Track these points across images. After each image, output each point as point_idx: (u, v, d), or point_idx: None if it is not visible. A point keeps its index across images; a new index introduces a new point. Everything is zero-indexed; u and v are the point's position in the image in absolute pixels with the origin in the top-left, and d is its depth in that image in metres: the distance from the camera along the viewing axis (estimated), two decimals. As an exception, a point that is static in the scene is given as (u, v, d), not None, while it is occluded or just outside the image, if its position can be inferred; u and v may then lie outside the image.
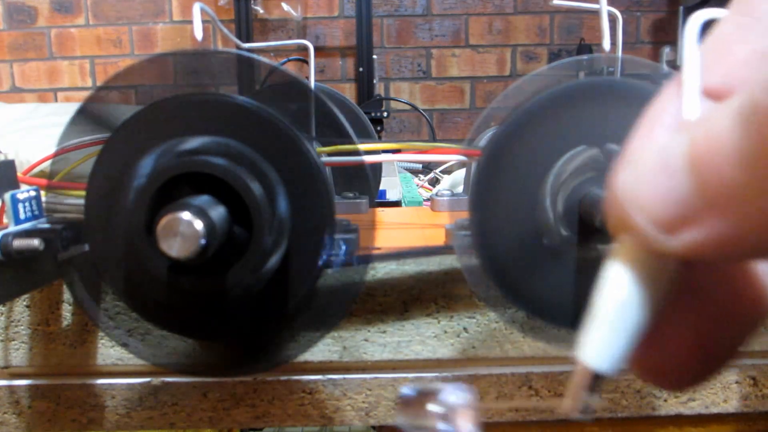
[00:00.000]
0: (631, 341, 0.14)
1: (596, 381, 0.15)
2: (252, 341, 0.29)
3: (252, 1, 1.64)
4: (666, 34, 1.74)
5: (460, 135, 1.75)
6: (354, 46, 1.67)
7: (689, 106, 0.13)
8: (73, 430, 0.37)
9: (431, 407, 0.17)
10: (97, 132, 0.28)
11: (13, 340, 0.36)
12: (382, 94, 1.74)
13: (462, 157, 0.40)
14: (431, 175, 0.81)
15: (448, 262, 0.35)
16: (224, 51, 0.28)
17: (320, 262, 0.27)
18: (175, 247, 0.22)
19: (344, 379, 0.36)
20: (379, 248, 0.36)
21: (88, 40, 1.75)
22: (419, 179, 0.82)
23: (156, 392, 0.36)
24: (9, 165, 0.32)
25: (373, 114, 1.17)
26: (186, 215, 0.22)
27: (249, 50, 0.53)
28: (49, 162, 0.40)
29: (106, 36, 1.74)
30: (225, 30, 0.44)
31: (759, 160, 0.11)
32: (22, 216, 0.30)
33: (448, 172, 0.80)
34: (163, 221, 0.22)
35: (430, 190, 0.75)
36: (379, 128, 1.19)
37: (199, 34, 0.33)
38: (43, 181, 0.34)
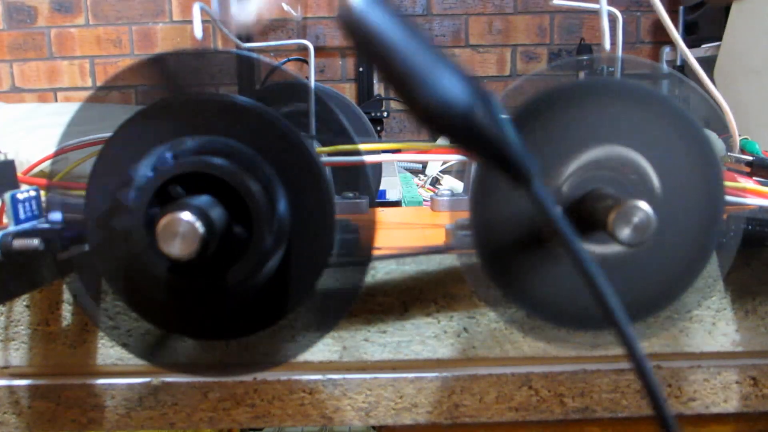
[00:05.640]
0: None
1: None
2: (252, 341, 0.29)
3: (252, 1, 1.64)
4: (666, 34, 1.74)
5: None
6: (354, 46, 1.67)
7: None
8: (73, 430, 0.37)
9: None
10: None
11: (13, 340, 0.36)
12: (382, 94, 1.74)
13: (462, 157, 0.40)
14: (432, 174, 0.81)
15: (448, 262, 0.35)
16: (224, 51, 0.28)
17: (320, 262, 0.27)
18: (175, 248, 0.22)
19: (344, 379, 0.36)
20: (379, 248, 0.36)
21: (88, 40, 1.74)
22: (419, 179, 0.82)
23: (156, 392, 0.36)
24: (9, 165, 0.32)
25: (373, 114, 1.17)
26: (186, 215, 0.22)
27: (249, 50, 0.53)
28: (49, 162, 0.40)
29: (106, 36, 1.74)
30: (225, 30, 0.44)
31: None
32: (22, 216, 0.30)
33: (448, 172, 0.81)
34: (163, 221, 0.22)
35: (432, 190, 0.75)
36: (379, 128, 1.19)
37: (198, 34, 0.33)
38: (43, 181, 0.34)
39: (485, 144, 0.20)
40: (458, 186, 0.75)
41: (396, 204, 0.64)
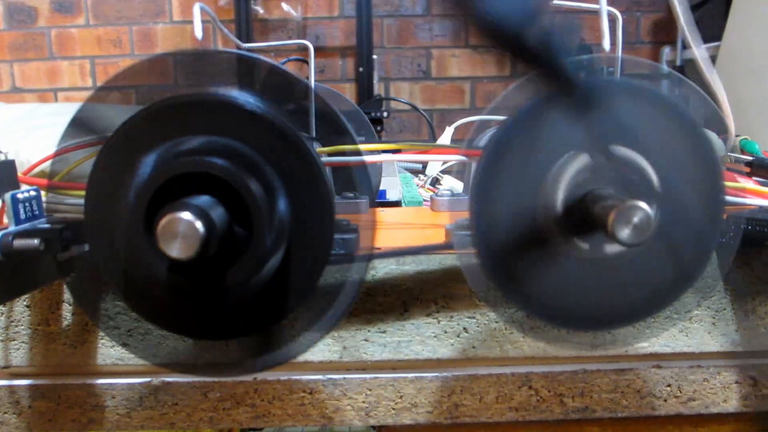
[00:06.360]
0: None
1: None
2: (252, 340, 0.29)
3: (252, 1, 1.64)
4: (666, 34, 1.74)
5: (459, 135, 1.75)
6: (354, 46, 1.67)
7: None
8: (73, 430, 0.37)
9: None
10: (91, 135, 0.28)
11: (13, 340, 0.36)
12: (382, 94, 1.74)
13: (462, 157, 0.40)
14: (432, 174, 0.81)
15: (448, 261, 0.35)
16: (224, 51, 0.28)
17: (320, 262, 0.27)
18: (175, 248, 0.22)
19: (344, 379, 0.36)
20: (379, 248, 0.36)
21: (88, 40, 1.74)
22: (419, 179, 0.82)
23: (156, 392, 0.36)
24: (9, 165, 0.32)
25: (373, 114, 1.17)
26: (186, 215, 0.22)
27: (249, 50, 0.53)
28: (49, 162, 0.40)
29: (106, 36, 1.74)
30: (225, 30, 0.44)
31: None
32: (22, 216, 0.30)
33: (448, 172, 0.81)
34: (163, 221, 0.22)
35: (432, 190, 0.75)
36: (379, 128, 1.19)
37: (199, 34, 0.33)
38: (43, 181, 0.34)
39: (536, 61, 0.22)
40: (458, 186, 0.75)
41: (396, 204, 0.64)
